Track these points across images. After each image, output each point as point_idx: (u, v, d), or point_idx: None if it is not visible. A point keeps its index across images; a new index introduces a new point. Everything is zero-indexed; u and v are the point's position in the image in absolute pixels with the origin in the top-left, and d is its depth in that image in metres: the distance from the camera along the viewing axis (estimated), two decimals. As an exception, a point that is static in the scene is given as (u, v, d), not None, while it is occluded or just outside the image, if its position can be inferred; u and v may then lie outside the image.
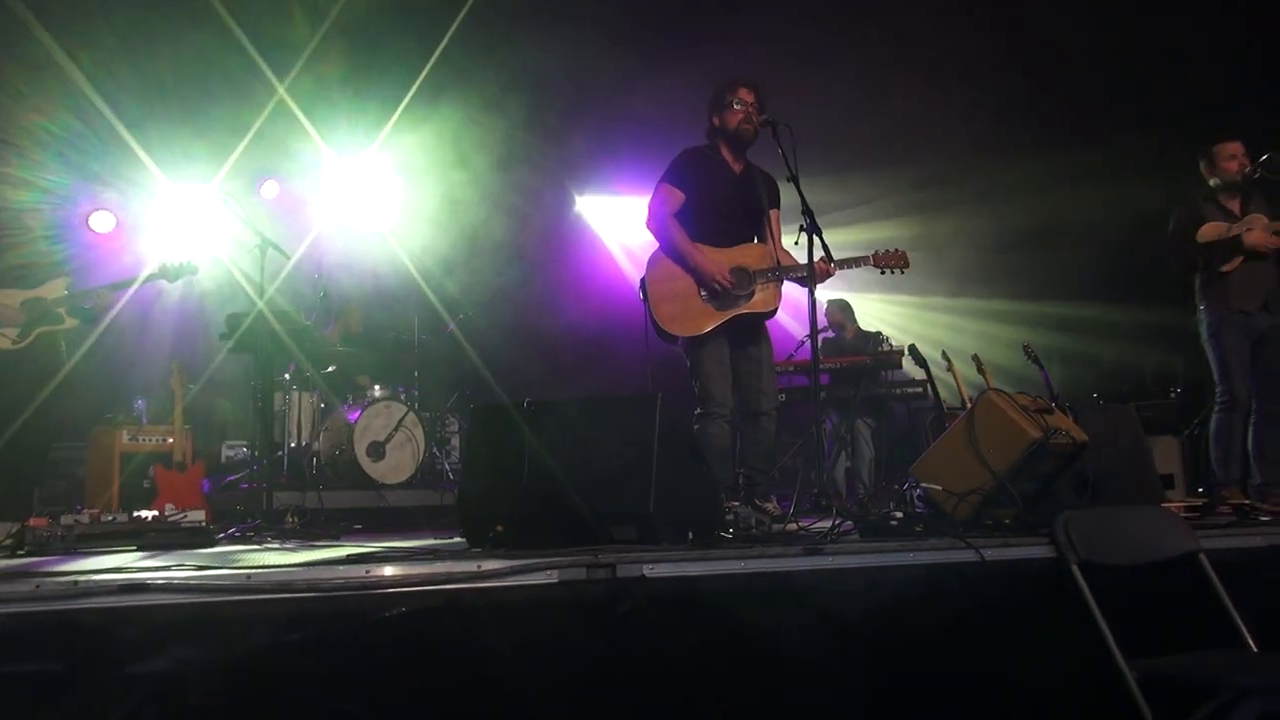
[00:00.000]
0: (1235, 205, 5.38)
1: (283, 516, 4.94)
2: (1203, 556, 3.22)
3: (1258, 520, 4.23)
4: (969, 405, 4.01)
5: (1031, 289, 9.16)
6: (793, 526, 3.62)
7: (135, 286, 4.94)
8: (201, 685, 2.24)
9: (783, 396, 6.67)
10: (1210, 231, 5.30)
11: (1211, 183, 5.42)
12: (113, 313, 4.94)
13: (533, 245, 8.80)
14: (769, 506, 4.36)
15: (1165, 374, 8.06)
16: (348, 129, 7.78)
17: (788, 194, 4.45)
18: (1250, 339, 5.25)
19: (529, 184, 8.75)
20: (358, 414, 6.42)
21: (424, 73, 7.09)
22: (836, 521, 3.36)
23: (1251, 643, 3.10)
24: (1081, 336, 9.05)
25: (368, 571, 2.54)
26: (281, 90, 6.78)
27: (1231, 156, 5.35)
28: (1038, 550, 3.21)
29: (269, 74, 6.63)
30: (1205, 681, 2.76)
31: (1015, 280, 9.26)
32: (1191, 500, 5.24)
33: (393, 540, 4.18)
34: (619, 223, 9.80)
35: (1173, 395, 7.73)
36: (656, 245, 4.57)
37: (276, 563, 2.93)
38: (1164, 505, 4.33)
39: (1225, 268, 5.24)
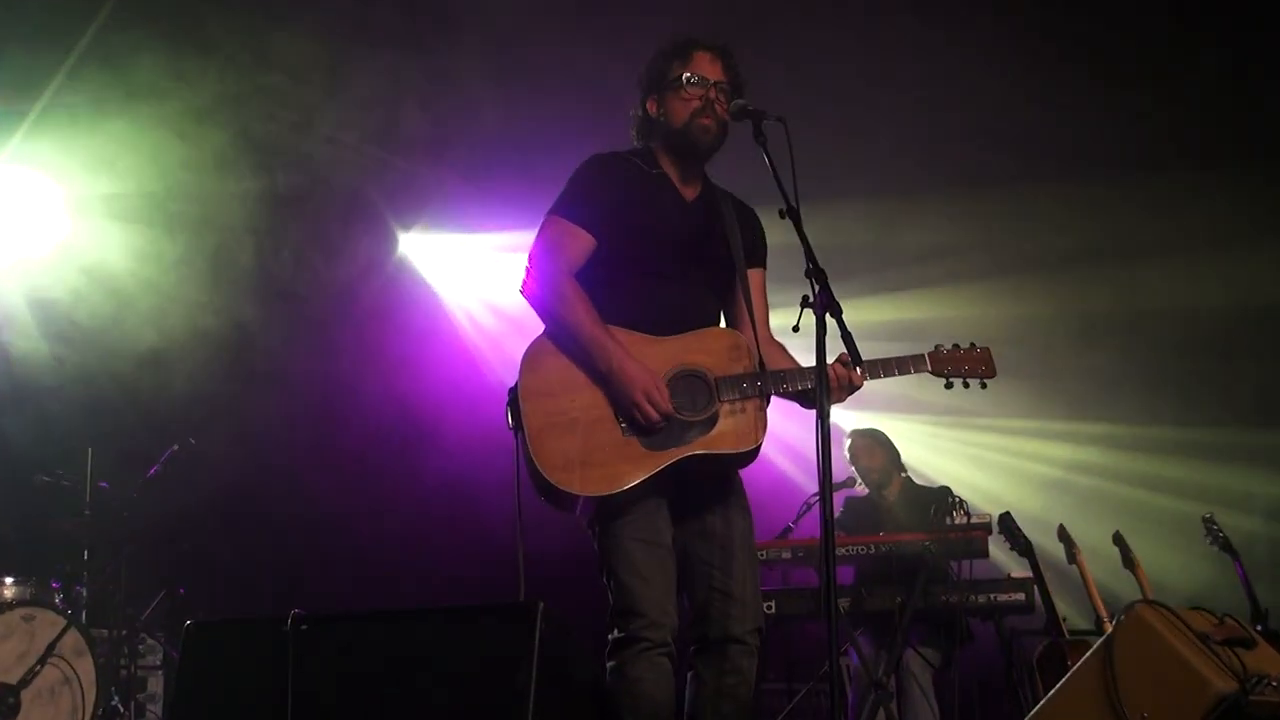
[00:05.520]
0: None
1: None
2: None
3: None
4: (1106, 628, 4.06)
5: (1211, 411, 9.40)
6: None
7: None
8: None
9: (771, 607, 6.66)
10: None
11: None
12: None
13: (321, 316, 8.80)
14: (742, 813, 4.33)
15: None
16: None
17: (780, 238, 4.52)
18: None
19: (320, 211, 8.77)
20: (-28, 630, 6.30)
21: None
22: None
23: None
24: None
25: None
26: None
27: None
28: None
29: None
30: None
31: (1186, 397, 9.50)
32: None
33: None
34: (473, 278, 9.91)
35: None
36: (541, 328, 4.59)
37: None
38: None
39: None
